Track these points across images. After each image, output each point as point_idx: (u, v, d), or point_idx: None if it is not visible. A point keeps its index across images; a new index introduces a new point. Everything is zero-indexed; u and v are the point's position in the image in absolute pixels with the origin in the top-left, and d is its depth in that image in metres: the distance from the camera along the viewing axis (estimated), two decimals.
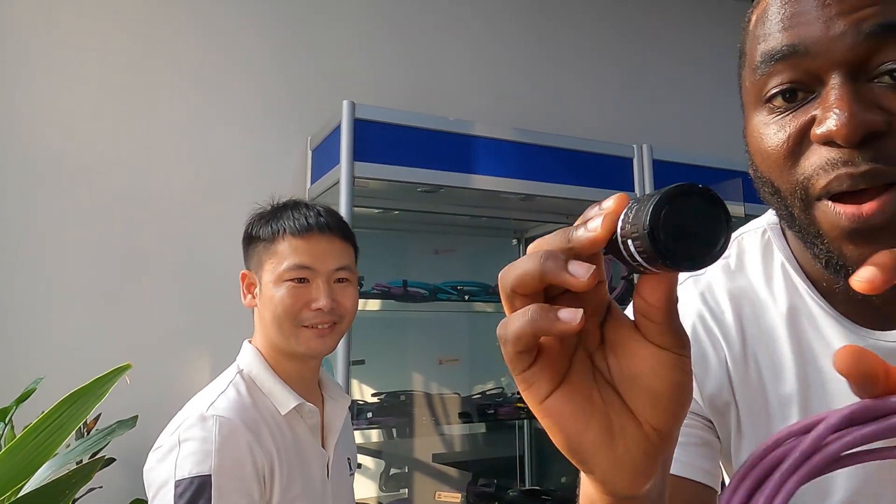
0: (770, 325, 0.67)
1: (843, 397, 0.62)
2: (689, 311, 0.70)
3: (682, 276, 0.69)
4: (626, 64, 3.27)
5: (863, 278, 0.36)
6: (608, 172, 2.55)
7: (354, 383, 2.56)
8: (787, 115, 0.56)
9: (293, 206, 1.29)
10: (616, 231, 0.37)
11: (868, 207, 0.51)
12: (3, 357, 1.98)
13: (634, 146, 2.60)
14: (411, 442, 2.66)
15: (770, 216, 0.72)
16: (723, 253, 0.35)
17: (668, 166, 2.61)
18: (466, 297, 2.42)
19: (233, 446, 1.09)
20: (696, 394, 0.67)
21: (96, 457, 1.38)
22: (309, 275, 1.22)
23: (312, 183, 2.44)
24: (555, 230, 0.40)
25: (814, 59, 0.54)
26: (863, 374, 0.32)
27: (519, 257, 0.38)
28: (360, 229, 2.30)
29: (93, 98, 2.24)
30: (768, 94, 0.57)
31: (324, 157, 2.35)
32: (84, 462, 1.51)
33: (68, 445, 1.44)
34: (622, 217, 0.37)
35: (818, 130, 0.53)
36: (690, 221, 0.35)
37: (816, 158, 0.54)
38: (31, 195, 2.12)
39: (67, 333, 2.09)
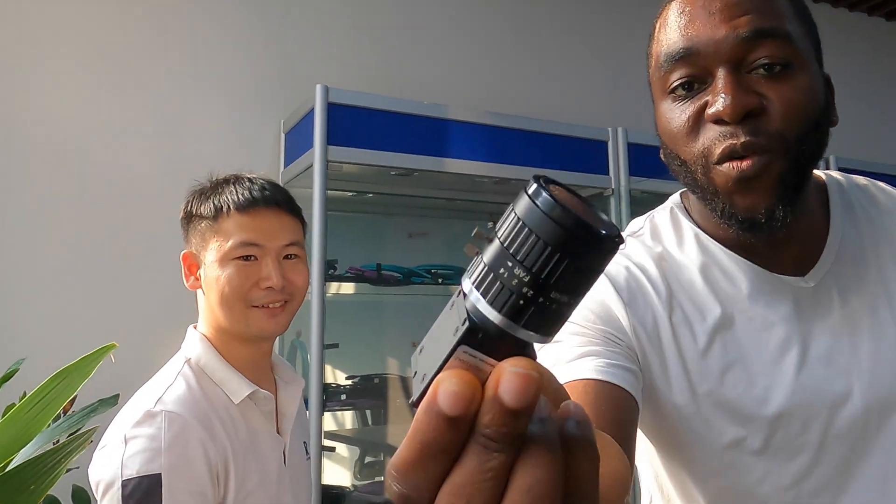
0: (688, 279, 0.83)
1: (752, 335, 0.80)
2: (619, 268, 0.83)
3: None
4: (601, 47, 3.39)
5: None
6: (583, 156, 2.69)
7: (328, 367, 2.69)
8: (686, 102, 0.76)
9: (235, 180, 1.25)
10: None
11: (746, 164, 0.71)
12: None
13: (609, 129, 2.74)
14: (386, 428, 2.79)
15: (675, 198, 0.91)
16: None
17: (643, 149, 2.74)
18: (440, 281, 2.55)
19: (183, 443, 1.07)
20: (627, 326, 0.79)
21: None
22: (257, 252, 1.19)
23: (286, 166, 2.56)
24: None
25: (704, 58, 0.73)
26: None
27: None
28: (334, 212, 2.44)
29: (66, 82, 2.33)
30: (671, 86, 0.76)
31: (297, 140, 2.46)
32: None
33: (48, 425, 1.56)
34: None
35: (710, 111, 0.73)
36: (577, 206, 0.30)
37: (711, 133, 0.73)
38: (8, 177, 2.21)
39: (48, 315, 2.21)
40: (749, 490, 0.79)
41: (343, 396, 2.34)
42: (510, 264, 0.29)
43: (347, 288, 2.68)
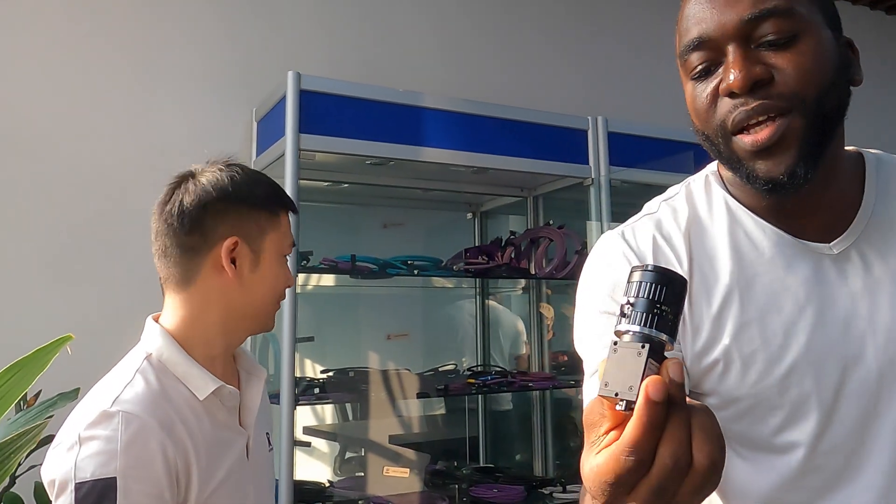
0: (711, 243, 0.90)
1: (770, 296, 0.86)
2: (647, 236, 0.93)
3: (640, 214, 0.98)
4: (581, 35, 3.39)
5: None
6: (562, 145, 2.68)
7: (307, 362, 2.68)
8: (705, 82, 0.84)
9: (265, 176, 1.29)
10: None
11: (761, 135, 0.78)
12: None
13: (589, 118, 2.73)
14: (367, 423, 2.78)
15: (711, 166, 0.98)
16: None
17: (623, 138, 2.75)
18: (416, 272, 2.53)
19: (141, 445, 1.04)
20: None
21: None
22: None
23: (258, 155, 2.54)
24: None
25: (715, 41, 0.81)
26: None
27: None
28: (308, 202, 2.42)
29: (33, 69, 2.30)
30: (693, 73, 0.85)
31: (269, 128, 2.44)
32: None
33: (9, 419, 1.54)
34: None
35: (722, 86, 0.81)
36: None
37: (725, 106, 0.81)
38: None
39: (10, 306, 2.18)
40: (766, 440, 0.85)
41: (317, 390, 2.33)
42: (659, 305, 0.53)
43: (322, 280, 2.67)
